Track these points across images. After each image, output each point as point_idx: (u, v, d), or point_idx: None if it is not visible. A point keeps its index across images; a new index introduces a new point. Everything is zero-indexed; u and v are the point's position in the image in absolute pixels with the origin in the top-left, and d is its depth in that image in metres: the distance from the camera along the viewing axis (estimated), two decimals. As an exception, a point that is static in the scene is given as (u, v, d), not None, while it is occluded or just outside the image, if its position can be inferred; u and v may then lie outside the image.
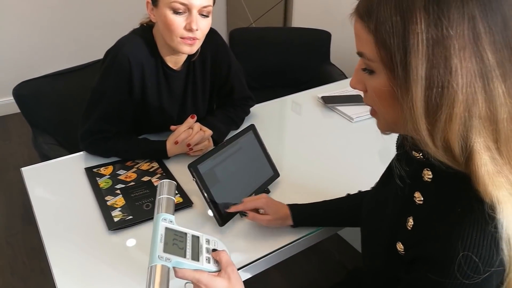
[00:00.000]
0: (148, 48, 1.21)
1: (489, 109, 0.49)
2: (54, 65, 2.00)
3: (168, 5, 1.09)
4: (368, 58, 0.54)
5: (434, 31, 0.48)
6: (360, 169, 1.23)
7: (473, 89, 0.48)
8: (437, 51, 0.48)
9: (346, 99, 1.60)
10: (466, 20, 0.48)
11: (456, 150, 0.51)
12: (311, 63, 2.24)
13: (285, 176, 1.17)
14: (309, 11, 2.74)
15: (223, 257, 0.71)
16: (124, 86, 1.20)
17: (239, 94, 1.43)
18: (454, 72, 0.48)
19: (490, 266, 0.51)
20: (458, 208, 0.54)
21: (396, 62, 0.50)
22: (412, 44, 0.49)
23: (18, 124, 2.88)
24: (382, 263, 0.72)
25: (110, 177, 1.16)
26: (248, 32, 2.45)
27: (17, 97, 1.47)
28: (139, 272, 0.89)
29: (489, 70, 0.48)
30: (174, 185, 0.77)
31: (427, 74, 0.49)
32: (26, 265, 1.84)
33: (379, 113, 0.60)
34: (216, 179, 1.00)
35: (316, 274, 1.71)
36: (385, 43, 0.51)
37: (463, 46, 0.48)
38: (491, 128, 0.50)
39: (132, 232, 0.99)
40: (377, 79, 0.55)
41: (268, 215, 0.96)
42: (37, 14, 2.86)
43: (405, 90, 0.51)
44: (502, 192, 0.50)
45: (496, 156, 0.51)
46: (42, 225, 1.01)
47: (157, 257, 0.64)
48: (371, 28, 0.52)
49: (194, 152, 1.25)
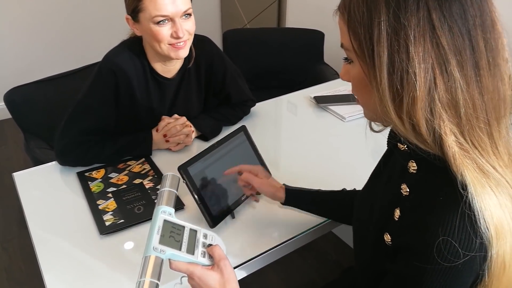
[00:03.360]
0: (137, 60, 1.22)
1: (449, 94, 0.52)
2: (45, 70, 1.99)
3: (150, 20, 1.10)
4: (345, 48, 0.59)
5: (392, 22, 0.52)
6: (352, 168, 1.23)
7: (432, 75, 0.51)
8: (396, 40, 0.52)
9: (338, 98, 1.60)
10: (422, 10, 0.51)
11: (423, 131, 0.53)
12: (305, 63, 2.24)
13: (277, 176, 1.16)
14: (302, 12, 2.74)
15: (215, 252, 0.71)
16: (110, 100, 1.21)
17: (237, 99, 1.45)
18: (411, 59, 0.51)
19: (469, 251, 0.52)
20: (440, 197, 0.55)
21: (364, 50, 0.55)
22: (376, 33, 0.53)
23: (14, 128, 2.86)
24: (370, 257, 0.73)
25: (102, 181, 1.16)
26: (242, 33, 2.46)
27: (8, 103, 1.47)
28: (131, 276, 0.89)
29: (446, 57, 0.51)
30: (177, 179, 0.78)
31: (389, 61, 0.52)
32: (22, 270, 1.84)
33: (360, 101, 0.63)
34: (207, 181, 1.00)
35: (312, 274, 1.71)
36: (355, 33, 0.55)
37: (419, 35, 0.51)
38: (452, 113, 0.52)
39: (124, 235, 0.99)
40: (354, 68, 0.59)
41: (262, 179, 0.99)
42: (28, 20, 2.85)
43: (373, 77, 0.54)
44: (472, 173, 0.52)
45: (461, 139, 0.53)
46: (33, 231, 1.01)
47: (152, 248, 0.66)
48: (345, 19, 0.57)
49: (171, 145, 1.29)
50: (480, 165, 0.53)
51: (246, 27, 3.19)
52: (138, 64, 1.22)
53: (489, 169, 0.53)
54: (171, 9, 1.09)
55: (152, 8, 1.09)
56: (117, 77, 1.19)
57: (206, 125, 1.36)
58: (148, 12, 1.09)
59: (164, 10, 1.09)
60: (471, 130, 0.53)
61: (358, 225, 0.81)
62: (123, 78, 1.20)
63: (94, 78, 1.20)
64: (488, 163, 0.53)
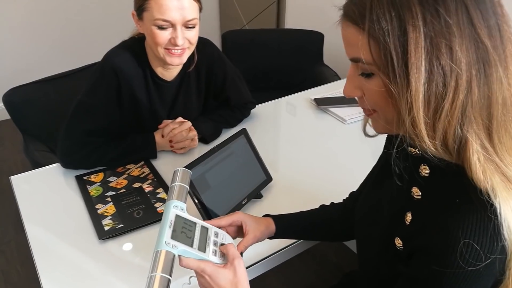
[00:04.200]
0: (137, 60, 1.20)
1: (485, 94, 0.50)
2: (44, 71, 1.98)
3: (151, 21, 1.09)
4: (366, 62, 0.53)
5: (432, 23, 0.48)
6: (353, 171, 1.22)
7: (472, 75, 0.49)
8: (438, 41, 0.48)
9: (338, 100, 1.59)
10: (460, 7, 0.48)
11: (451, 140, 0.51)
12: (304, 64, 2.23)
13: (277, 179, 1.16)
14: (301, 13, 2.73)
15: (230, 250, 0.69)
16: (112, 99, 1.19)
17: (237, 102, 1.44)
18: (457, 60, 0.48)
19: (491, 253, 0.51)
20: (456, 199, 0.54)
21: (393, 61, 0.50)
22: (412, 39, 0.48)
23: (11, 129, 2.85)
24: (378, 266, 0.71)
25: (100, 184, 1.14)
26: (241, 34, 2.44)
27: (7, 103, 1.45)
28: (130, 281, 0.88)
29: (487, 55, 0.49)
30: (188, 174, 0.76)
31: (428, 66, 0.49)
32: (20, 273, 1.82)
33: (380, 113, 0.58)
34: (207, 185, 0.99)
35: (313, 278, 1.70)
36: (380, 43, 0.50)
37: (462, 33, 0.48)
38: (486, 113, 0.51)
39: (123, 240, 0.98)
40: (374, 81, 0.54)
41: (249, 232, 0.82)
42: (27, 19, 2.84)
43: (405, 86, 0.50)
44: (495, 179, 0.51)
45: (486, 144, 0.51)
46: (30, 235, 0.99)
47: (164, 242, 0.63)
48: (365, 30, 0.51)
49: (176, 149, 1.28)
50: (503, 169, 0.52)
51: (245, 28, 3.18)
52: (139, 65, 1.21)
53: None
54: (175, 16, 1.08)
55: (156, 11, 1.07)
56: (119, 77, 1.17)
57: (206, 128, 1.35)
58: (152, 14, 1.08)
59: (168, 15, 1.07)
60: (499, 131, 0.51)
61: (362, 239, 0.79)
62: (124, 78, 1.18)
63: (96, 78, 1.18)
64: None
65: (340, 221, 0.92)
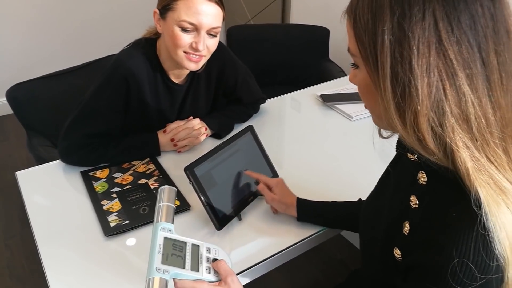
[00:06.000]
0: (150, 63, 1.19)
1: (459, 108, 0.49)
2: (48, 66, 1.97)
3: (176, 22, 1.07)
4: (352, 53, 0.57)
5: (396, 31, 0.49)
6: (360, 168, 1.21)
7: (440, 88, 0.49)
8: (400, 50, 0.49)
9: (345, 97, 1.58)
10: (428, 20, 0.48)
11: (431, 144, 0.51)
12: (309, 60, 2.21)
13: (284, 175, 1.15)
14: (307, 8, 2.71)
15: (221, 267, 0.69)
16: (118, 106, 1.18)
17: (247, 101, 1.44)
18: (414, 72, 0.49)
19: (486, 274, 0.50)
20: (453, 213, 0.53)
21: (369, 57, 0.52)
22: (379, 42, 0.51)
23: (16, 124, 2.83)
24: (379, 270, 0.71)
25: (106, 180, 1.14)
26: (246, 29, 2.43)
27: (10, 99, 1.45)
28: (135, 278, 0.87)
29: (454, 71, 0.48)
30: (174, 192, 0.75)
31: (392, 71, 0.50)
32: (25, 268, 1.83)
33: (367, 106, 0.61)
34: (213, 182, 0.98)
35: (317, 274, 1.69)
36: (361, 39, 0.53)
37: (424, 46, 0.48)
38: (465, 127, 0.50)
39: (129, 236, 0.98)
40: (360, 73, 0.57)
41: (275, 194, 0.99)
42: (31, 15, 2.83)
43: (378, 85, 0.52)
44: (487, 191, 0.49)
45: (476, 154, 0.50)
46: (36, 230, 0.99)
47: (155, 269, 0.63)
48: (351, 23, 0.55)
49: (179, 148, 1.26)
50: (497, 181, 0.50)
51: (250, 23, 3.16)
52: (151, 68, 1.19)
53: (507, 185, 0.50)
54: (201, 20, 1.07)
55: (184, 12, 1.06)
56: (129, 84, 1.15)
57: (220, 123, 1.35)
58: (178, 14, 1.06)
59: (194, 18, 1.06)
60: (485, 145, 0.50)
61: (365, 241, 0.79)
62: (135, 84, 1.16)
63: (104, 81, 1.16)
64: (506, 179, 0.50)
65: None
